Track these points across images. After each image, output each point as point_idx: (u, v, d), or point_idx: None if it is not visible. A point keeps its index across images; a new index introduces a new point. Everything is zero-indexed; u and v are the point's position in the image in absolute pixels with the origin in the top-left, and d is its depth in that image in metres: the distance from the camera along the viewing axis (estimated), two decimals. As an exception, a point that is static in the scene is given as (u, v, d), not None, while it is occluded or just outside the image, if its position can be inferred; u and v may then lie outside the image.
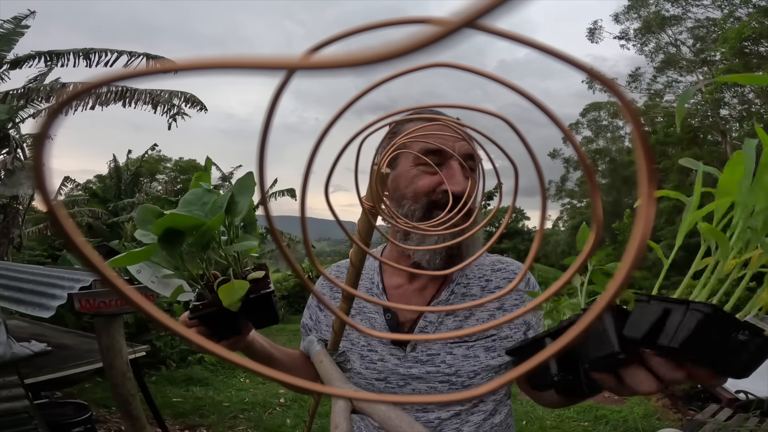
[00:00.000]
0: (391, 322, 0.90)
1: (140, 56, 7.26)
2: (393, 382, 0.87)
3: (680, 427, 3.28)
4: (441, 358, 0.86)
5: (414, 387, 0.86)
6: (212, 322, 0.67)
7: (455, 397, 0.18)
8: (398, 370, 0.87)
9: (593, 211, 0.20)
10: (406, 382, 0.87)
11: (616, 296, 0.16)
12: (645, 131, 0.16)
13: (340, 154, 0.38)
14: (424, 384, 0.86)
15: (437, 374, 0.85)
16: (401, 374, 0.87)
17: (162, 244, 0.62)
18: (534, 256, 0.35)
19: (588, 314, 0.17)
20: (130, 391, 2.48)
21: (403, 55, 0.12)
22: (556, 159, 26.03)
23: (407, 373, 0.87)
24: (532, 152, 0.29)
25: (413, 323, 0.90)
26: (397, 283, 0.94)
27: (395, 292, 0.93)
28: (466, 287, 0.92)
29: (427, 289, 0.92)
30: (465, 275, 0.93)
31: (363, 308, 0.94)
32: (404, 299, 0.92)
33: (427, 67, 0.23)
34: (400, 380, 0.87)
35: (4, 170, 6.46)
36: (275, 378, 0.17)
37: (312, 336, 0.86)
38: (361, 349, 0.91)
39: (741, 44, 14.12)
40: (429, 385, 0.86)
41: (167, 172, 22.63)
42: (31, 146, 0.32)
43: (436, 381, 0.85)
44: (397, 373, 0.87)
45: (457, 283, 0.92)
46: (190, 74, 0.13)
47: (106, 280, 0.15)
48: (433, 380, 0.86)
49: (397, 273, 0.95)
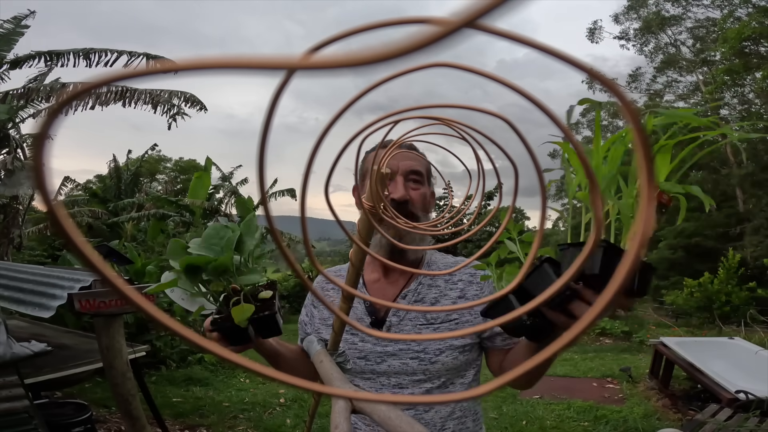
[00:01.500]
0: (370, 308, 1.06)
1: (140, 56, 7.25)
2: (372, 360, 1.01)
3: (680, 427, 3.28)
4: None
5: (390, 363, 1.00)
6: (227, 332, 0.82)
7: (455, 397, 0.18)
8: (375, 349, 1.01)
9: (593, 211, 0.20)
10: (383, 359, 1.01)
11: (617, 296, 0.16)
12: (645, 131, 0.16)
13: (340, 154, 0.38)
14: (397, 360, 1.00)
15: (408, 351, 0.99)
16: (378, 352, 1.01)
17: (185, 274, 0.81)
18: (534, 256, 0.35)
19: (588, 314, 0.17)
20: (130, 391, 2.48)
21: (403, 55, 0.12)
22: (556, 159, 26.02)
23: (383, 351, 1.01)
24: (532, 152, 0.29)
25: (388, 309, 1.04)
26: (375, 278, 1.11)
27: (374, 286, 1.10)
28: (432, 279, 1.07)
29: (398, 282, 1.08)
30: (431, 269, 1.08)
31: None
32: (381, 291, 1.09)
33: (427, 67, 0.23)
34: (377, 357, 1.01)
35: (4, 170, 6.45)
36: (275, 378, 0.17)
37: (312, 336, 0.87)
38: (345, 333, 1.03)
39: (741, 44, 14.13)
40: (401, 361, 1.00)
41: (167, 172, 22.65)
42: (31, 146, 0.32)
43: (408, 357, 0.99)
44: (374, 351, 1.01)
45: (424, 276, 1.06)
46: (190, 74, 0.13)
47: (106, 280, 0.15)
48: (404, 356, 0.99)
49: (375, 269, 1.11)
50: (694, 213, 17.21)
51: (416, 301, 1.04)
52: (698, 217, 16.21)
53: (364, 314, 1.06)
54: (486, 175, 0.74)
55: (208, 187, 11.57)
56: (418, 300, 1.04)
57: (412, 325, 1.01)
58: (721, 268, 8.68)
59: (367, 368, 1.01)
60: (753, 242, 13.20)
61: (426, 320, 1.01)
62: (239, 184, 13.33)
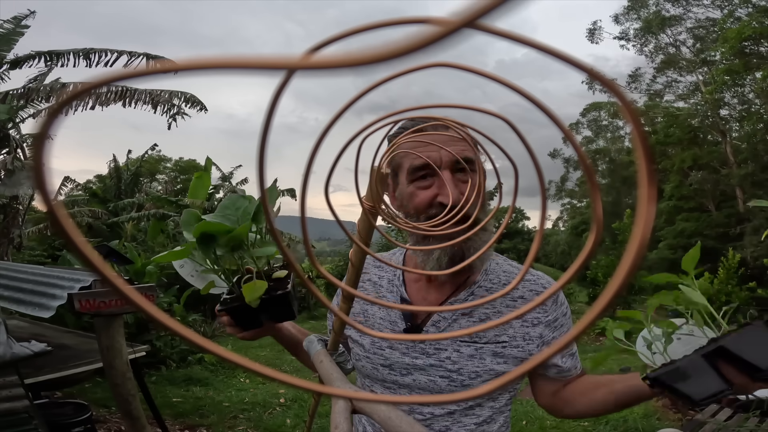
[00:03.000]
0: (406, 312, 0.91)
1: (140, 56, 7.25)
2: (396, 370, 0.89)
3: (680, 427, 3.28)
4: (447, 354, 0.86)
5: (415, 378, 0.87)
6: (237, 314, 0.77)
7: (454, 398, 0.18)
8: (404, 359, 0.88)
9: (593, 211, 0.20)
10: (409, 371, 0.88)
11: (616, 295, 0.16)
12: (645, 131, 0.16)
13: (340, 154, 0.38)
14: (425, 376, 0.87)
15: (439, 368, 0.86)
16: (405, 363, 0.88)
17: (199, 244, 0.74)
18: (534, 256, 0.35)
19: (589, 314, 0.17)
20: (130, 391, 2.48)
21: (402, 55, 0.12)
22: (556, 159, 26.06)
23: (411, 363, 0.88)
24: (532, 152, 0.29)
25: (428, 315, 0.91)
26: (417, 277, 0.95)
27: (414, 285, 0.95)
28: (488, 291, 0.90)
29: (445, 285, 0.92)
30: (489, 279, 0.92)
31: (383, 298, 0.96)
32: (422, 292, 0.93)
33: (427, 67, 0.23)
34: (403, 369, 0.88)
35: (4, 170, 6.45)
36: (275, 378, 0.17)
37: (312, 336, 0.86)
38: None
39: (741, 44, 14.12)
40: (429, 378, 0.86)
41: (167, 172, 22.64)
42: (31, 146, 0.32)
43: (437, 375, 0.86)
44: (401, 361, 0.88)
45: (479, 286, 0.91)
46: (190, 74, 0.13)
47: (106, 280, 0.15)
48: (434, 374, 0.86)
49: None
50: (694, 213, 17.24)
51: (464, 314, 0.89)
52: (698, 217, 16.22)
53: (398, 318, 0.92)
54: (486, 174, 0.74)
55: (208, 187, 11.55)
56: (466, 314, 0.89)
57: (452, 340, 0.87)
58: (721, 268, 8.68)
59: (390, 378, 0.90)
60: (753, 242, 13.19)
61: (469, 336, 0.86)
62: (239, 184, 13.33)
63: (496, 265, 0.95)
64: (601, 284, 10.31)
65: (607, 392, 0.83)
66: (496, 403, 0.89)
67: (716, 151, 17.17)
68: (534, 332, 0.87)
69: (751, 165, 14.93)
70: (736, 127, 16.94)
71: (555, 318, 0.90)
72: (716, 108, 16.41)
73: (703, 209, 16.93)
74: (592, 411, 0.87)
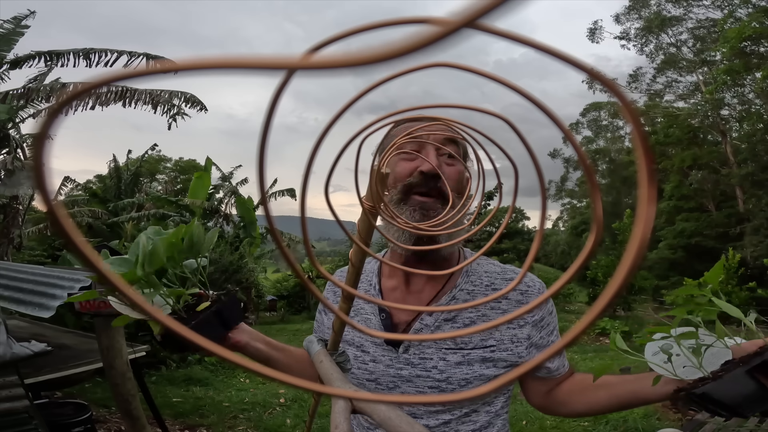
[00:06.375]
0: (386, 322, 0.89)
1: (140, 56, 7.25)
2: (383, 384, 0.86)
3: (680, 427, 3.28)
4: (433, 363, 0.84)
5: (403, 390, 0.85)
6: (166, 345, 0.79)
7: (454, 398, 0.18)
8: (389, 371, 0.86)
9: (593, 211, 0.20)
10: (396, 384, 0.85)
11: (617, 295, 0.16)
12: (645, 131, 0.16)
13: (340, 154, 0.38)
14: (413, 388, 0.84)
15: (427, 378, 0.83)
16: (391, 376, 0.85)
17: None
18: (534, 256, 0.35)
19: (589, 314, 0.17)
20: (130, 391, 2.48)
21: (402, 55, 0.12)
22: (556, 159, 26.08)
23: (397, 375, 0.85)
24: (532, 152, 0.29)
25: (408, 325, 0.88)
26: (393, 285, 0.93)
27: (391, 295, 0.92)
28: (470, 294, 0.88)
29: (423, 293, 0.90)
30: (470, 281, 0.89)
31: (360, 309, 0.94)
32: (400, 302, 0.91)
33: (426, 67, 0.23)
34: (390, 382, 0.86)
35: (4, 170, 6.45)
36: (275, 378, 0.17)
37: (312, 336, 0.86)
38: (356, 349, 0.90)
39: (741, 44, 14.13)
40: (418, 390, 0.84)
41: (167, 172, 22.65)
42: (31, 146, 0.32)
43: (426, 386, 0.84)
44: (387, 374, 0.86)
45: (460, 288, 0.88)
46: (190, 74, 0.13)
47: (106, 280, 0.15)
48: (422, 384, 0.84)
49: (394, 276, 0.94)
50: (694, 213, 17.24)
51: (446, 320, 0.86)
52: (698, 217, 16.22)
53: (379, 328, 0.89)
54: (486, 174, 0.74)
55: (208, 187, 11.58)
56: (449, 319, 0.86)
57: (437, 348, 0.84)
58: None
59: (377, 392, 0.86)
60: (753, 242, 13.20)
61: (455, 343, 0.84)
62: (239, 184, 13.34)
63: (477, 265, 0.92)
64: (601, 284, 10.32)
65: (609, 395, 0.82)
66: (492, 407, 0.88)
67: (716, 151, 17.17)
68: (522, 333, 0.85)
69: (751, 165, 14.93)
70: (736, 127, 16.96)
71: (542, 317, 0.88)
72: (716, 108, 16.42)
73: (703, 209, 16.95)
74: (592, 412, 0.87)
